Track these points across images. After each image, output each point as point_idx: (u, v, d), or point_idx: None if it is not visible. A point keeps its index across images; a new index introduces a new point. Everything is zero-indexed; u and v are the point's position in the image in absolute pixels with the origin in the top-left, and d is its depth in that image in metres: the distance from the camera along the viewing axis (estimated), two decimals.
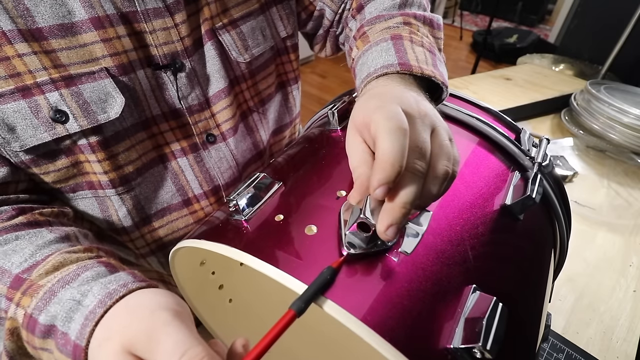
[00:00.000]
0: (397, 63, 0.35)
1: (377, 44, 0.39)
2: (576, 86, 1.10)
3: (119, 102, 0.36)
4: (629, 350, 0.53)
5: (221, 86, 0.45)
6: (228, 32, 0.44)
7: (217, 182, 0.48)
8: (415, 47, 0.38)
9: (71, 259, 0.30)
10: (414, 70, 0.35)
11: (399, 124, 0.24)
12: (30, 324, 0.27)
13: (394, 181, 0.23)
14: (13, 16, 0.31)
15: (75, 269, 0.29)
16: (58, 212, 0.38)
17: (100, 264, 0.30)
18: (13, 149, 0.34)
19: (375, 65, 0.37)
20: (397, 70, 0.35)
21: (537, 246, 0.34)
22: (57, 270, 0.29)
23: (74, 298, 0.27)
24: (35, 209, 0.36)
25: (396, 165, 0.23)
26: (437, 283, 0.24)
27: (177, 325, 0.22)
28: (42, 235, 0.33)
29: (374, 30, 0.43)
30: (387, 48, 0.38)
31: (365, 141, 0.27)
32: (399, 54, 0.37)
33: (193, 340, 0.22)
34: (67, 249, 0.32)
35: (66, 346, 0.26)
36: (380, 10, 0.46)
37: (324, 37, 0.57)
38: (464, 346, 0.21)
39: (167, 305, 0.24)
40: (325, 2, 0.52)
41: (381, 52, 0.38)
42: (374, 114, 0.25)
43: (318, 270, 0.24)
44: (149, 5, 0.37)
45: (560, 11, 2.66)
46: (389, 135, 0.24)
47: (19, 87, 0.32)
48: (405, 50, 0.37)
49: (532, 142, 0.38)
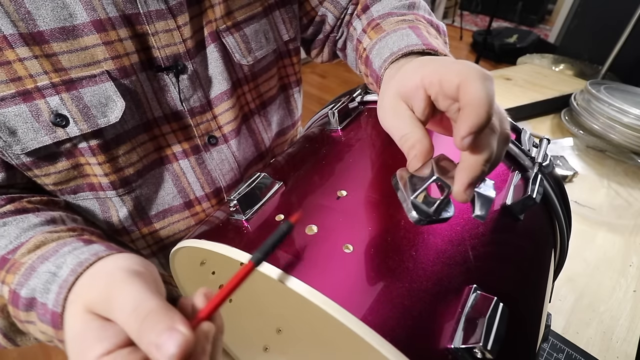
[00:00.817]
0: (422, 43, 0.36)
1: (396, 31, 0.40)
2: (576, 86, 1.10)
3: (119, 106, 0.36)
4: (629, 350, 0.53)
5: (223, 88, 0.45)
6: (232, 35, 0.44)
7: (218, 184, 0.48)
8: (432, 38, 0.39)
9: (52, 238, 0.31)
10: (439, 51, 0.35)
11: (486, 73, 0.23)
12: (14, 299, 0.29)
13: (483, 130, 0.22)
14: (14, 20, 0.31)
15: (55, 245, 0.30)
16: (48, 201, 0.39)
17: (79, 240, 0.31)
18: (14, 151, 0.34)
19: (399, 45, 0.37)
20: (422, 49, 0.35)
21: (538, 246, 0.34)
22: (38, 249, 0.30)
23: (50, 270, 0.28)
24: (24, 197, 0.37)
25: (490, 111, 0.22)
26: (437, 283, 0.24)
27: (132, 282, 0.22)
28: (29, 219, 0.34)
29: (389, 22, 0.43)
30: (407, 34, 0.38)
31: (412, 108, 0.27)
32: (421, 38, 0.37)
33: (146, 295, 0.22)
34: (50, 229, 0.33)
35: (46, 315, 0.27)
36: (391, 8, 0.47)
37: (323, 42, 0.58)
38: (464, 346, 0.21)
39: (127, 266, 0.24)
40: (328, 7, 0.53)
41: (402, 36, 0.38)
42: (448, 69, 0.24)
43: (318, 270, 0.24)
44: (152, 7, 0.36)
45: (560, 11, 2.66)
46: (481, 81, 0.22)
47: (20, 91, 0.32)
48: (426, 37, 0.38)
49: (533, 142, 0.38)
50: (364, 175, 0.32)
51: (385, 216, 0.28)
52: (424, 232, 0.27)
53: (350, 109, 0.40)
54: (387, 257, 0.25)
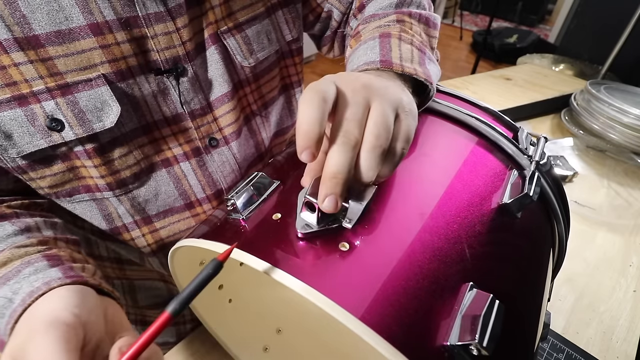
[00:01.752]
0: (379, 60, 0.36)
1: (365, 42, 0.40)
2: (576, 86, 1.10)
3: (115, 110, 0.36)
4: (629, 350, 0.53)
5: (224, 90, 0.45)
6: (233, 36, 0.44)
7: (219, 186, 0.48)
8: (403, 44, 0.38)
9: (19, 254, 0.32)
10: (394, 67, 0.35)
11: (313, 93, 0.24)
12: None
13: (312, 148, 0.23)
14: (9, 24, 0.31)
15: (19, 264, 0.31)
16: (29, 204, 0.39)
17: (45, 257, 0.31)
18: (10, 155, 0.34)
19: (359, 62, 0.37)
20: (377, 67, 0.35)
21: (535, 244, 0.34)
22: (4, 266, 0.31)
23: (7, 296, 0.29)
24: (5, 201, 0.37)
25: (308, 133, 0.23)
26: (434, 281, 0.24)
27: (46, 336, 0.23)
28: (4, 228, 0.34)
29: (367, 29, 0.43)
30: (372, 46, 0.38)
31: None
32: (383, 51, 0.37)
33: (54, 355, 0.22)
34: (20, 242, 0.33)
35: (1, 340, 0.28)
36: (377, 9, 0.46)
37: (332, 38, 0.58)
38: (460, 343, 0.21)
39: (53, 314, 0.25)
40: (333, 3, 0.53)
41: (366, 50, 0.38)
42: None
43: (317, 269, 0.24)
44: (150, 10, 0.36)
45: (560, 11, 2.67)
46: (302, 104, 0.24)
47: (16, 96, 0.32)
48: (390, 48, 0.38)
49: (530, 140, 0.38)
50: None
51: (381, 214, 0.28)
52: (420, 230, 0.27)
53: None
54: (383, 255, 0.25)
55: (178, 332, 0.59)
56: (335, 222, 0.26)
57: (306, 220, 0.26)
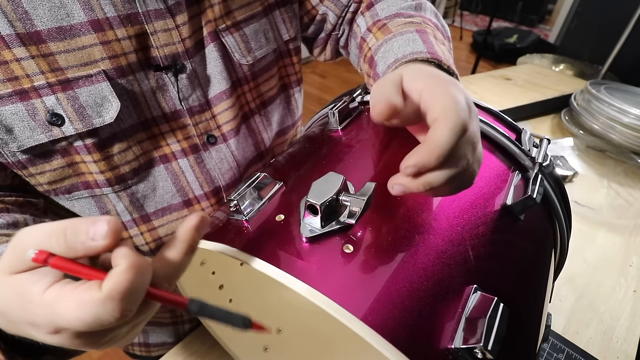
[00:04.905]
0: (427, 51, 0.36)
1: (402, 34, 0.40)
2: (576, 86, 1.10)
3: (114, 106, 0.36)
4: (629, 350, 0.53)
5: (223, 88, 0.45)
6: (231, 34, 0.44)
7: (217, 183, 0.48)
8: (439, 44, 0.39)
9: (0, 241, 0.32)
10: (443, 61, 0.35)
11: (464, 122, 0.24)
12: None
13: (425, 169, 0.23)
14: (12, 19, 0.31)
15: None
16: (23, 202, 0.39)
17: None
18: (11, 149, 0.34)
19: (404, 52, 0.37)
20: (427, 57, 0.36)
21: (538, 246, 0.34)
22: None
23: None
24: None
25: (440, 158, 0.23)
26: (438, 283, 0.24)
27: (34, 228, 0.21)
28: None
29: (396, 23, 0.44)
30: (413, 39, 0.39)
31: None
32: (427, 45, 0.38)
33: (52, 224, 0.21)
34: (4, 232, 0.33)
35: None
36: (398, 9, 0.47)
37: (325, 40, 0.57)
38: (465, 346, 0.21)
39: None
40: (329, 6, 0.53)
41: (408, 41, 0.39)
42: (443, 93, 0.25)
43: (318, 270, 0.24)
44: (150, 7, 0.37)
45: (560, 11, 2.67)
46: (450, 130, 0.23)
47: (17, 91, 0.33)
48: (432, 43, 0.38)
49: (533, 142, 0.38)
50: (364, 175, 0.32)
51: (385, 216, 0.28)
52: (424, 232, 0.27)
53: (351, 109, 0.40)
54: (387, 257, 0.25)
55: (176, 332, 0.59)
56: (338, 222, 0.26)
57: (310, 224, 0.26)
